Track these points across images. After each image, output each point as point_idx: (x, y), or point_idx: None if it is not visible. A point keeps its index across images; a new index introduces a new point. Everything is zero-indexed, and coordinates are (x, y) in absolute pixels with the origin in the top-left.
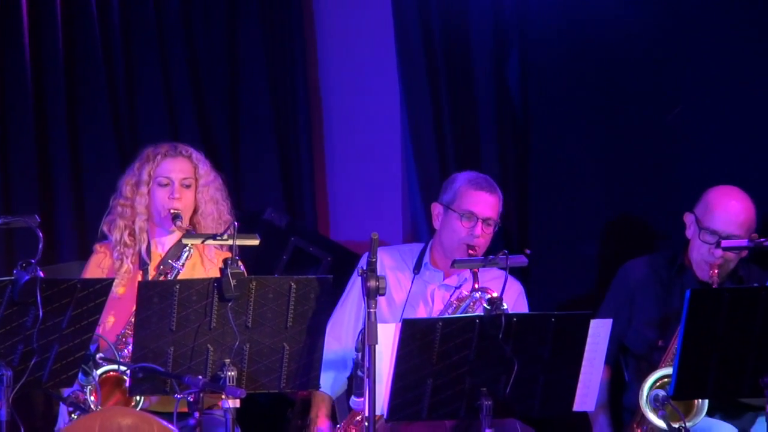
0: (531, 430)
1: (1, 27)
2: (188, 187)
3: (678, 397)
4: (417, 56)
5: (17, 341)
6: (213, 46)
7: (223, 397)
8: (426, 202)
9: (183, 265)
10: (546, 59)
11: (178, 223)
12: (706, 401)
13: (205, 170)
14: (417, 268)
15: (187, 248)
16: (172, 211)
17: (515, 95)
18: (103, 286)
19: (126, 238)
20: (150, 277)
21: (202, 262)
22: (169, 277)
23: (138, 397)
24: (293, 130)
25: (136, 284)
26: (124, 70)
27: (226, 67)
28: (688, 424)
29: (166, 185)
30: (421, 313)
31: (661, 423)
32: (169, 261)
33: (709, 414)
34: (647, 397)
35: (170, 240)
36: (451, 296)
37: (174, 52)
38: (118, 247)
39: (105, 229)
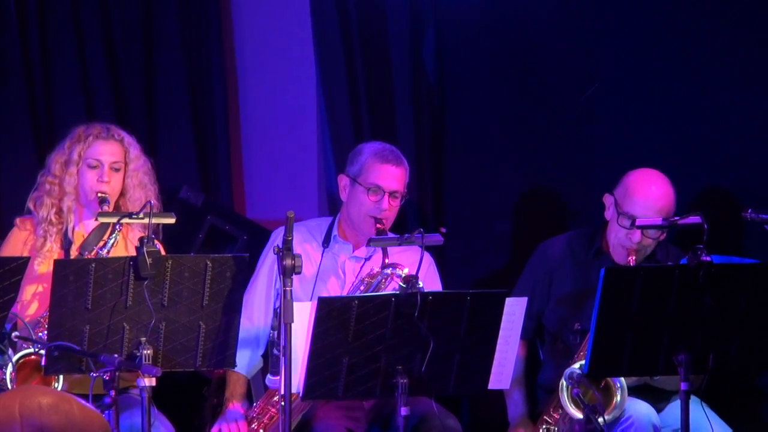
0: (446, 410)
1: None
2: (117, 170)
3: (593, 375)
4: (333, 35)
5: None
6: (129, 24)
7: (140, 375)
8: None
9: (108, 252)
10: (461, 36)
11: (105, 207)
12: (626, 396)
13: (136, 154)
14: (326, 242)
15: (114, 235)
16: (99, 194)
17: (431, 73)
18: (19, 264)
19: (52, 216)
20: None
21: (125, 247)
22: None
23: (58, 380)
24: (209, 108)
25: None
26: (40, 48)
27: (142, 46)
28: (607, 417)
29: (95, 167)
30: (333, 286)
31: (576, 413)
32: (94, 247)
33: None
34: (565, 382)
35: (95, 222)
36: (360, 270)
37: (90, 30)
38: (43, 225)
39: (30, 205)
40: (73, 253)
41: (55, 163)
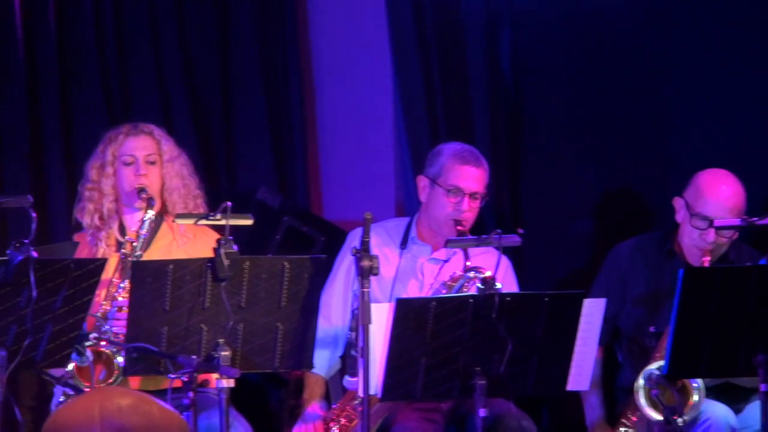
0: (523, 412)
1: None
2: (153, 163)
3: (672, 376)
4: (409, 36)
5: (11, 322)
6: (205, 25)
7: (217, 376)
8: None
9: (147, 231)
10: (537, 36)
11: (144, 195)
12: (703, 397)
13: (169, 146)
14: (404, 243)
15: (149, 215)
16: (137, 186)
17: (507, 72)
18: (96, 266)
19: (96, 221)
20: (123, 258)
21: (175, 238)
22: (136, 248)
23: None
24: (285, 109)
25: (109, 263)
26: (116, 50)
27: (218, 48)
28: (685, 417)
29: (130, 164)
30: (412, 287)
31: (654, 414)
32: (132, 229)
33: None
34: (642, 383)
35: (140, 216)
36: (440, 271)
37: (166, 32)
38: (91, 231)
39: (77, 216)
40: (126, 250)
41: (91, 169)
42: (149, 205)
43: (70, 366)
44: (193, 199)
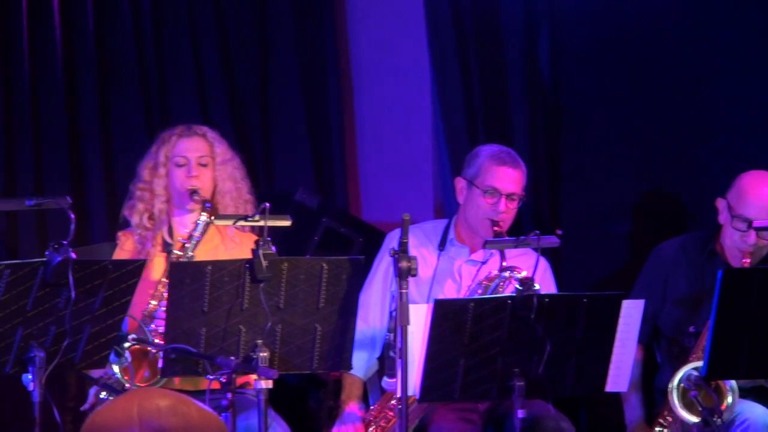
0: (561, 413)
1: (31, 8)
2: (205, 165)
3: (711, 377)
4: (447, 36)
5: (49, 322)
6: (243, 25)
7: (256, 378)
8: None
9: (201, 234)
10: (576, 36)
11: (196, 197)
12: (737, 398)
13: (222, 149)
14: (442, 245)
15: (203, 217)
16: (189, 188)
17: (546, 74)
18: (135, 267)
19: (146, 221)
20: (174, 258)
21: (223, 241)
22: (187, 249)
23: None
24: (324, 110)
25: (151, 265)
26: (154, 50)
27: (257, 50)
28: (723, 418)
29: (183, 165)
30: (450, 289)
31: (689, 416)
32: (186, 230)
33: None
34: (677, 384)
35: (191, 219)
36: (477, 273)
37: (204, 32)
38: (139, 231)
39: (126, 214)
40: (174, 254)
41: (144, 169)
42: (204, 208)
43: (116, 368)
44: (244, 203)
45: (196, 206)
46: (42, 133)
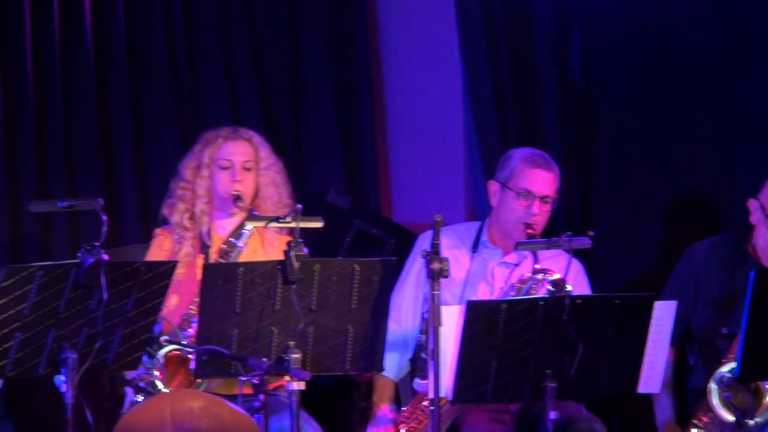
0: (593, 415)
1: (63, 8)
2: (249, 170)
3: (744, 379)
4: (478, 36)
5: (82, 324)
6: (274, 29)
7: (288, 379)
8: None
9: (245, 243)
10: (608, 39)
11: (239, 204)
12: None
13: (266, 153)
14: (475, 247)
15: (249, 227)
16: (233, 192)
17: (577, 76)
18: (167, 268)
19: (186, 221)
20: (212, 261)
21: (263, 245)
22: (231, 257)
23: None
24: (355, 112)
25: (195, 266)
26: (186, 53)
27: (288, 50)
28: (758, 420)
29: (227, 168)
30: (483, 291)
31: (727, 416)
32: (231, 239)
33: None
34: (715, 386)
35: (231, 223)
36: (510, 275)
37: (236, 36)
38: (178, 230)
39: (165, 212)
40: (212, 255)
41: (186, 168)
42: (249, 217)
43: (156, 372)
44: (284, 207)
45: (238, 211)
46: (74, 135)
